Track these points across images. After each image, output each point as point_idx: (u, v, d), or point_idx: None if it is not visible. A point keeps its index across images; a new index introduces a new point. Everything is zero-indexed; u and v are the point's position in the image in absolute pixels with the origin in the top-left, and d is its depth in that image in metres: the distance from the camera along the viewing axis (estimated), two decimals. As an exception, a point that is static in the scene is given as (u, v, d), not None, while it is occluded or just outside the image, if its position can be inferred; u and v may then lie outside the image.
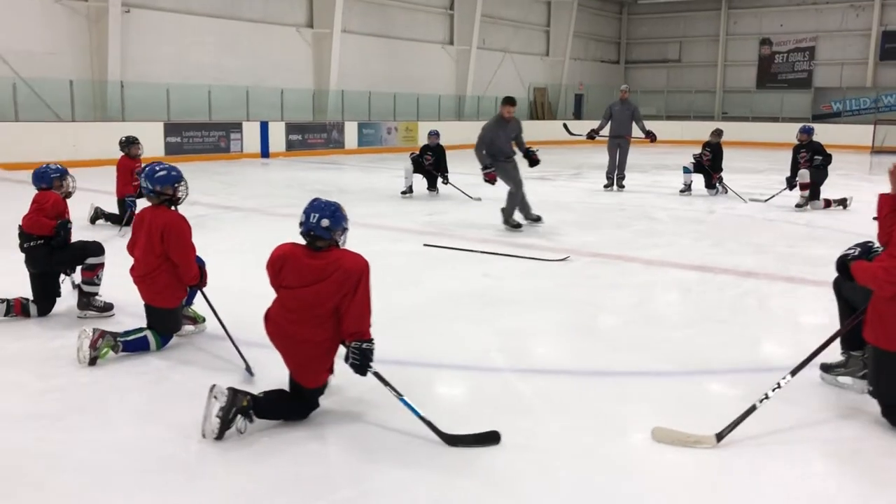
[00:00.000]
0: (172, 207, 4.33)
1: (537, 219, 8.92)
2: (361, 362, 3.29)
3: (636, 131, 12.85)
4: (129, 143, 8.53)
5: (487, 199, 11.47)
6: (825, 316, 5.04)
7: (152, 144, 14.86)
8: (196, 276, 4.32)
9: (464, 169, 12.90)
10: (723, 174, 12.32)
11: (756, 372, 4.19)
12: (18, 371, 4.08)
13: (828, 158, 10.79)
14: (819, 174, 10.73)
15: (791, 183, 11.04)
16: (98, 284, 4.93)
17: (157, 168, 4.34)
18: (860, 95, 29.48)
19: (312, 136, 21.07)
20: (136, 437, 3.29)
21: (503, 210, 8.82)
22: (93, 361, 4.05)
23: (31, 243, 4.83)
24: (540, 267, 6.88)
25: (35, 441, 3.26)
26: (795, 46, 31.76)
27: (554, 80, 32.02)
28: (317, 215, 3.31)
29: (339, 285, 3.26)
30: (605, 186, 13.04)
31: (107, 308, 4.98)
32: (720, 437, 3.22)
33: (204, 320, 4.63)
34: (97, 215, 8.60)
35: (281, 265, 3.35)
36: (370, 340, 3.32)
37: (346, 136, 21.96)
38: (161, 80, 18.25)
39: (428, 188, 12.03)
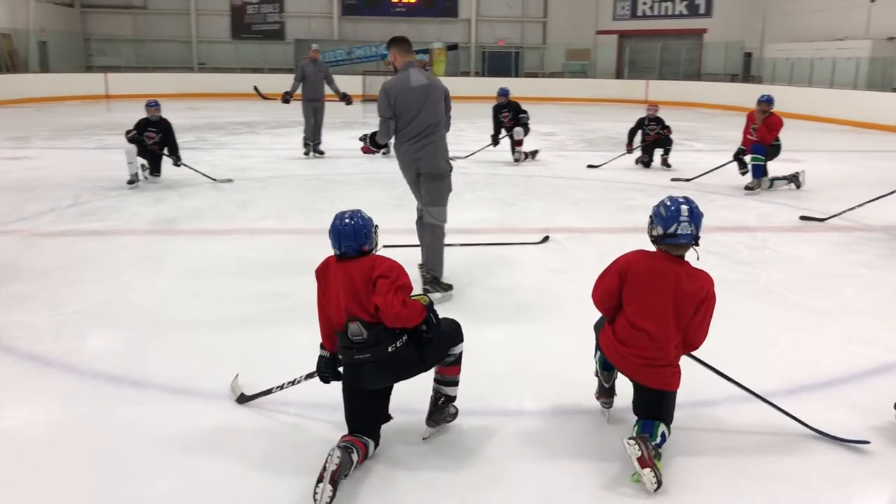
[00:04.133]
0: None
1: None
2: None
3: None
4: None
5: (242, 181, 9.99)
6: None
7: None
8: None
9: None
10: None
11: None
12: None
13: (527, 114, 12.15)
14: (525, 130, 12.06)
15: (496, 140, 12.15)
16: (458, 384, 3.23)
17: (694, 206, 3.12)
18: (336, 48, 32.08)
19: None
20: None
21: None
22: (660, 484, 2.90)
23: (398, 344, 2.89)
24: (524, 251, 6.60)
25: None
26: (265, -2, 32.64)
27: (18, 24, 26.71)
28: None
29: None
30: (305, 154, 12.23)
31: (456, 413, 3.31)
32: None
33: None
34: None
35: None
36: None
37: None
38: None
39: (150, 173, 9.61)
